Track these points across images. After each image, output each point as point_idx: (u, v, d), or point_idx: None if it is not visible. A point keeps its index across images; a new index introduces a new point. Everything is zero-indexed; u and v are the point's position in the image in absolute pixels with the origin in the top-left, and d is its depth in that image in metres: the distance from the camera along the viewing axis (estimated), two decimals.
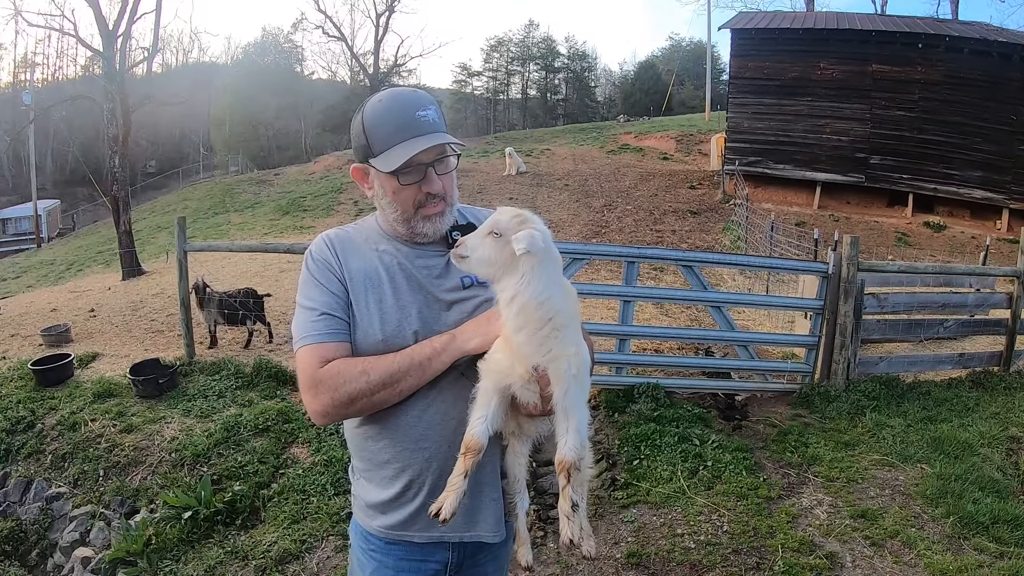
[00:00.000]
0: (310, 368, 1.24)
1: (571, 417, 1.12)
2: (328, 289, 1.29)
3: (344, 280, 1.30)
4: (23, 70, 41.87)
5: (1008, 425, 4.23)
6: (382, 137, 1.25)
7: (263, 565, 3.20)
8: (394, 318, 1.28)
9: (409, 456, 1.31)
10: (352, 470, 1.46)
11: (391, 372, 1.21)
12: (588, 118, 44.79)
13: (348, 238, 1.36)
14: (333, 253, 1.32)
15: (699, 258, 4.90)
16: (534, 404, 1.19)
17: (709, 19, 26.63)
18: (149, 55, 14.06)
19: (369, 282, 1.30)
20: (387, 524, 1.35)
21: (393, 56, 30.85)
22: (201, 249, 6.65)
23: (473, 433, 1.16)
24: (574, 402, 1.12)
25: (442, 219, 1.32)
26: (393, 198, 1.29)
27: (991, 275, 5.86)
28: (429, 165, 1.27)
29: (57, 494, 4.50)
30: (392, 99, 1.28)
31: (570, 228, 12.67)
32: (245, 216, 17.39)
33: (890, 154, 14.57)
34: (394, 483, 1.33)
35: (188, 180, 34.09)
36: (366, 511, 1.39)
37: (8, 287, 14.65)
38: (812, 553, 2.90)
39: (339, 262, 1.31)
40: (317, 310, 1.27)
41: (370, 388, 1.21)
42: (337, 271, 1.31)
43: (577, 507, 1.12)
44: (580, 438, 1.11)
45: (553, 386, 1.13)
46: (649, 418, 4.23)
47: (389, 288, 1.30)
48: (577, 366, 1.13)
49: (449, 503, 1.13)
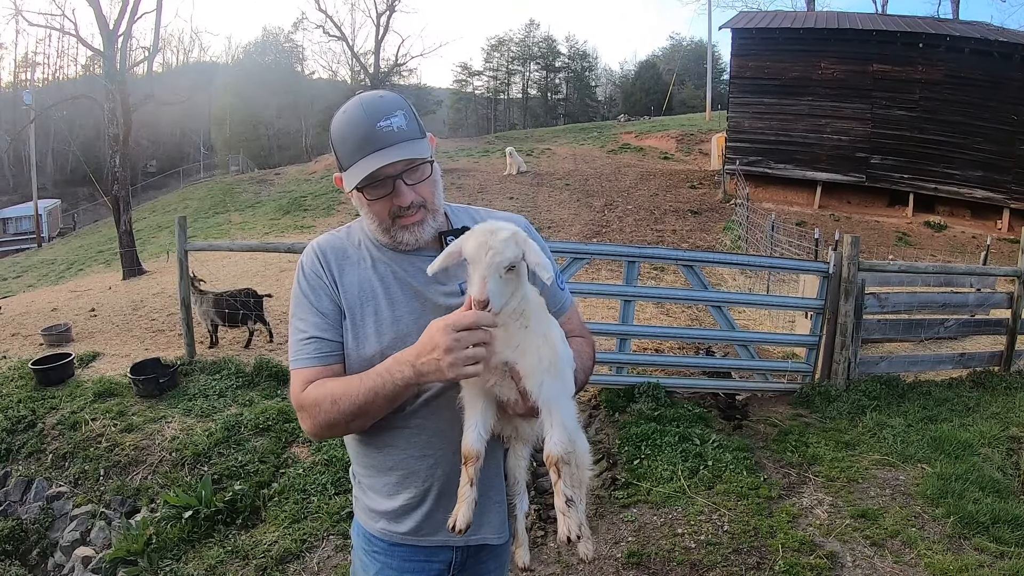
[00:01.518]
0: (296, 392, 1.25)
1: (553, 412, 1.11)
2: (318, 309, 1.27)
3: (337, 297, 1.27)
4: (24, 70, 41.98)
5: (1008, 425, 4.22)
6: (346, 153, 1.23)
7: (264, 564, 3.20)
8: (391, 330, 1.25)
9: (415, 463, 1.29)
10: (353, 474, 1.44)
11: (359, 405, 1.18)
12: (589, 118, 44.82)
13: (340, 248, 1.32)
14: (325, 268, 1.29)
15: (700, 258, 4.90)
16: (514, 400, 1.15)
17: (710, 19, 26.70)
18: (150, 55, 14.05)
19: (364, 295, 1.27)
20: (392, 530, 1.34)
21: (394, 55, 30.77)
22: (202, 248, 6.65)
23: (467, 442, 1.15)
24: (552, 395, 1.11)
25: (422, 228, 1.27)
26: (367, 211, 1.27)
27: (992, 275, 5.86)
28: (397, 177, 1.21)
29: (58, 493, 4.50)
30: (354, 110, 1.23)
31: (571, 228, 12.67)
32: (246, 215, 17.40)
33: (891, 154, 14.56)
34: (399, 491, 1.31)
35: (189, 180, 34.11)
36: (369, 514, 1.38)
37: (9, 286, 14.66)
38: (813, 553, 2.90)
39: (331, 277, 1.28)
40: (306, 333, 1.26)
41: (343, 418, 1.19)
42: (329, 288, 1.28)
43: (572, 503, 1.10)
44: (565, 432, 1.10)
45: (525, 380, 1.11)
46: (650, 418, 4.23)
47: (384, 299, 1.27)
48: (548, 358, 1.11)
49: (463, 514, 1.14)
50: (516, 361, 1.11)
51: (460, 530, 1.14)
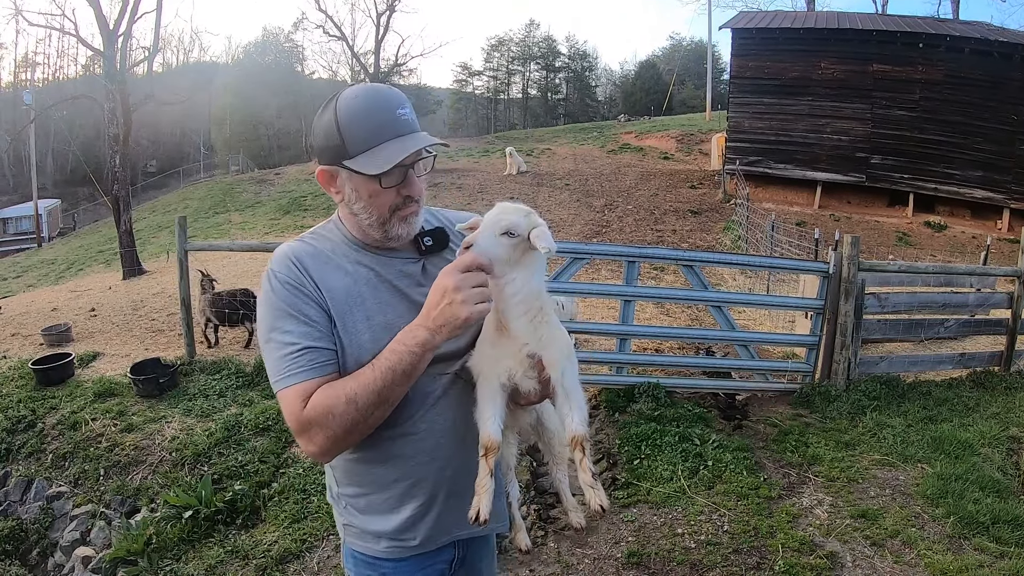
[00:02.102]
0: (296, 411, 1.13)
1: (572, 396, 1.18)
2: (306, 318, 1.16)
3: (324, 302, 1.18)
4: (24, 70, 42.00)
5: (1008, 425, 4.22)
6: (361, 137, 1.14)
7: (264, 564, 3.20)
8: (385, 335, 1.18)
9: (423, 469, 1.27)
10: (336, 497, 1.34)
11: (378, 391, 1.11)
12: (589, 118, 44.84)
13: (317, 253, 1.22)
14: (305, 274, 1.18)
15: (700, 258, 4.90)
16: (534, 391, 1.19)
17: (710, 19, 26.70)
18: (150, 54, 14.06)
19: (351, 299, 1.19)
20: (401, 546, 1.29)
21: (394, 55, 30.74)
22: (202, 248, 6.65)
23: (489, 432, 1.18)
24: (572, 382, 1.18)
25: (416, 220, 1.24)
26: (369, 202, 1.19)
27: (992, 275, 5.85)
28: (409, 167, 1.19)
29: (58, 493, 4.50)
30: (370, 96, 1.17)
31: (571, 228, 12.67)
32: (246, 215, 17.40)
33: (891, 154, 14.56)
34: (404, 503, 1.27)
35: (189, 179, 34.09)
36: (367, 537, 1.30)
37: (9, 286, 14.65)
38: (813, 553, 2.90)
39: (313, 283, 1.18)
40: (297, 344, 1.14)
41: (362, 415, 1.12)
42: (313, 293, 1.17)
43: (596, 476, 1.17)
44: (583, 414, 1.17)
45: (550, 370, 1.17)
46: (650, 418, 4.23)
47: (373, 303, 1.21)
48: (568, 347, 1.20)
49: (484, 506, 1.15)
50: (541, 352, 1.17)
51: (484, 521, 1.14)
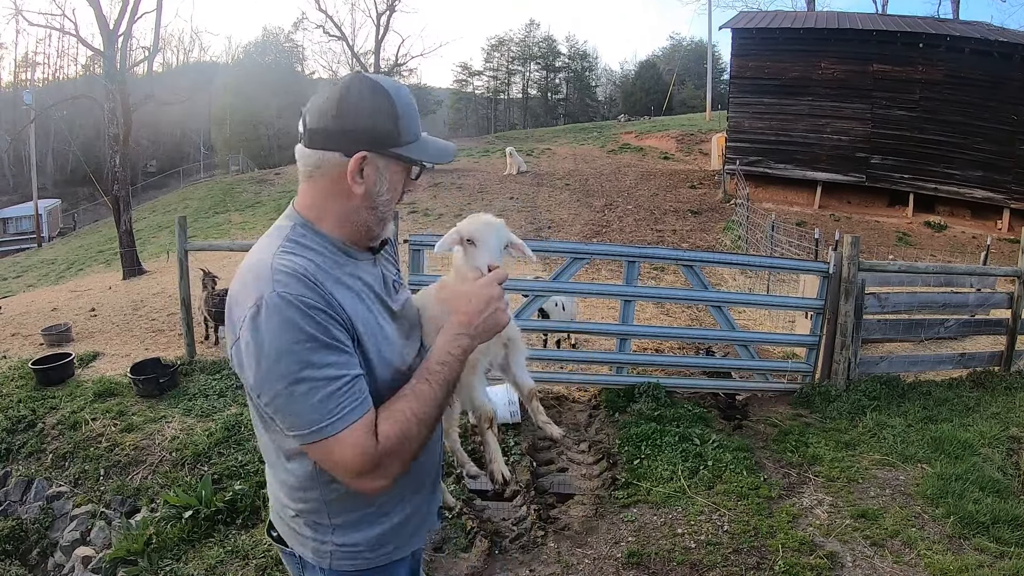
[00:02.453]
0: (368, 447, 1.02)
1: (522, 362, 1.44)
2: (341, 344, 1.04)
3: (349, 324, 1.07)
4: (24, 70, 42.00)
5: (1009, 425, 4.22)
6: (412, 128, 1.12)
7: (264, 564, 3.19)
8: (396, 346, 1.17)
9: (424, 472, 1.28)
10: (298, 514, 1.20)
11: (439, 404, 1.10)
12: (589, 118, 44.84)
13: (319, 267, 1.08)
14: (329, 295, 1.05)
15: (700, 258, 4.90)
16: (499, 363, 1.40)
17: (710, 19, 26.74)
18: (150, 54, 14.05)
19: (367, 317, 1.12)
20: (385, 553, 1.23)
21: (394, 55, 30.69)
22: (202, 248, 6.65)
23: (489, 407, 1.32)
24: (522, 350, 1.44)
25: None
26: (389, 196, 1.15)
27: (992, 275, 5.85)
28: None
29: (58, 493, 4.50)
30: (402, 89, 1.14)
31: (571, 228, 12.67)
32: (246, 215, 17.39)
33: (891, 154, 14.56)
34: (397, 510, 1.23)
35: (189, 179, 34.11)
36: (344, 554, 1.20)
37: (9, 286, 14.66)
38: (813, 553, 2.90)
39: (337, 301, 1.06)
40: (345, 375, 1.02)
41: (428, 432, 1.10)
42: (340, 315, 1.06)
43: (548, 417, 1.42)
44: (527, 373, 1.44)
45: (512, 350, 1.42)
46: (650, 418, 4.23)
47: (378, 316, 1.16)
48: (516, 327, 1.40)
49: (501, 468, 1.29)
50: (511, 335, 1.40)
51: (507, 478, 1.29)
